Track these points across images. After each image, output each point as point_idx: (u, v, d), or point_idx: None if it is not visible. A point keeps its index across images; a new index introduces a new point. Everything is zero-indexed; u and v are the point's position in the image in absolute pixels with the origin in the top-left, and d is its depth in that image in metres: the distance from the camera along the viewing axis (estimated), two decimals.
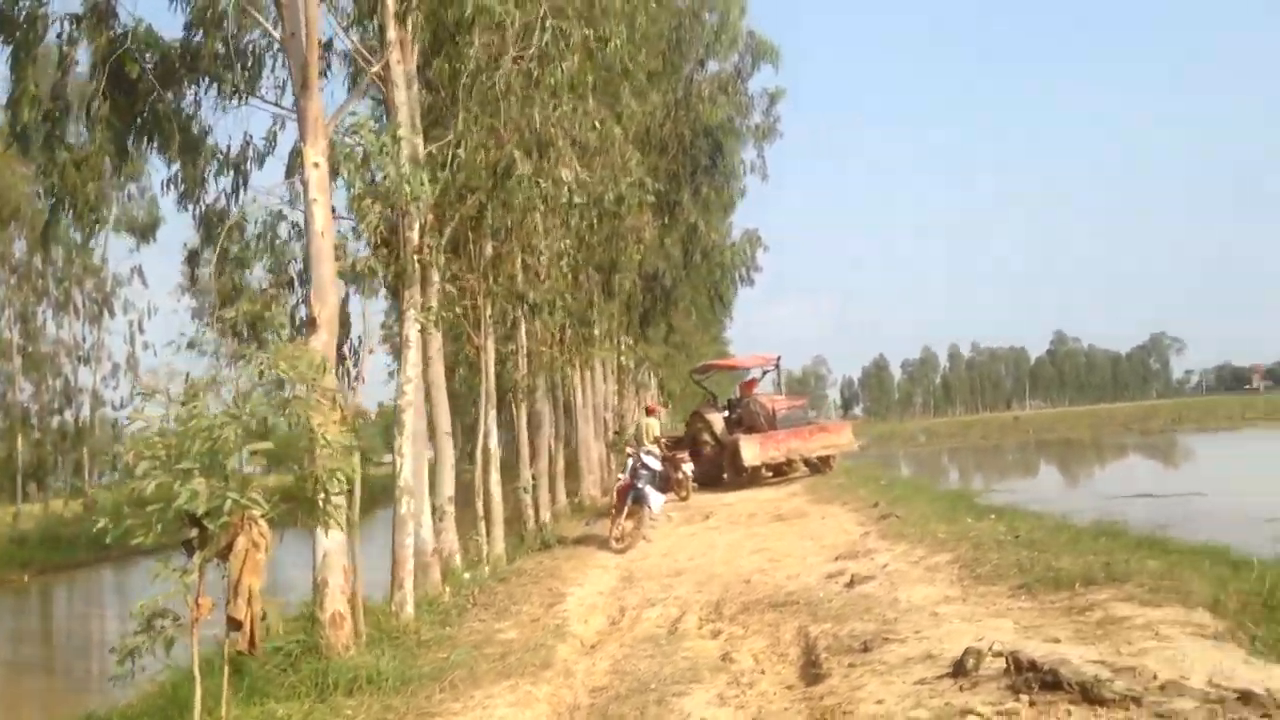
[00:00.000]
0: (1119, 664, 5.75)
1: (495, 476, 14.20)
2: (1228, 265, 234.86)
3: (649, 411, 21.87)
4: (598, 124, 12.46)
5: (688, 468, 20.09)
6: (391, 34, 9.92)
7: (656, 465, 14.42)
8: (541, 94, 10.30)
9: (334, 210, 9.40)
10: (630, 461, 14.61)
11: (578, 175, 11.45)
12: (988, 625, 7.25)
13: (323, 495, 6.61)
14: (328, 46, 11.68)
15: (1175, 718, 4.74)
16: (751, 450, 22.02)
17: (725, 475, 23.20)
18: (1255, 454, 37.00)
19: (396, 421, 9.80)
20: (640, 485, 13.98)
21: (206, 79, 10.82)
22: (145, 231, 41.06)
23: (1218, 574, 7.95)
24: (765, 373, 26.65)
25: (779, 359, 27.27)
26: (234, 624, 5.87)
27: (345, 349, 13.47)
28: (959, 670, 5.92)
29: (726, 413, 24.95)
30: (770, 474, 23.62)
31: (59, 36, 10.19)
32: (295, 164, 9.84)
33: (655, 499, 14.10)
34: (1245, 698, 4.87)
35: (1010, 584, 8.45)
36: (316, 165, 8.12)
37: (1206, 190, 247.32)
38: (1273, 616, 6.60)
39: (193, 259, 13.64)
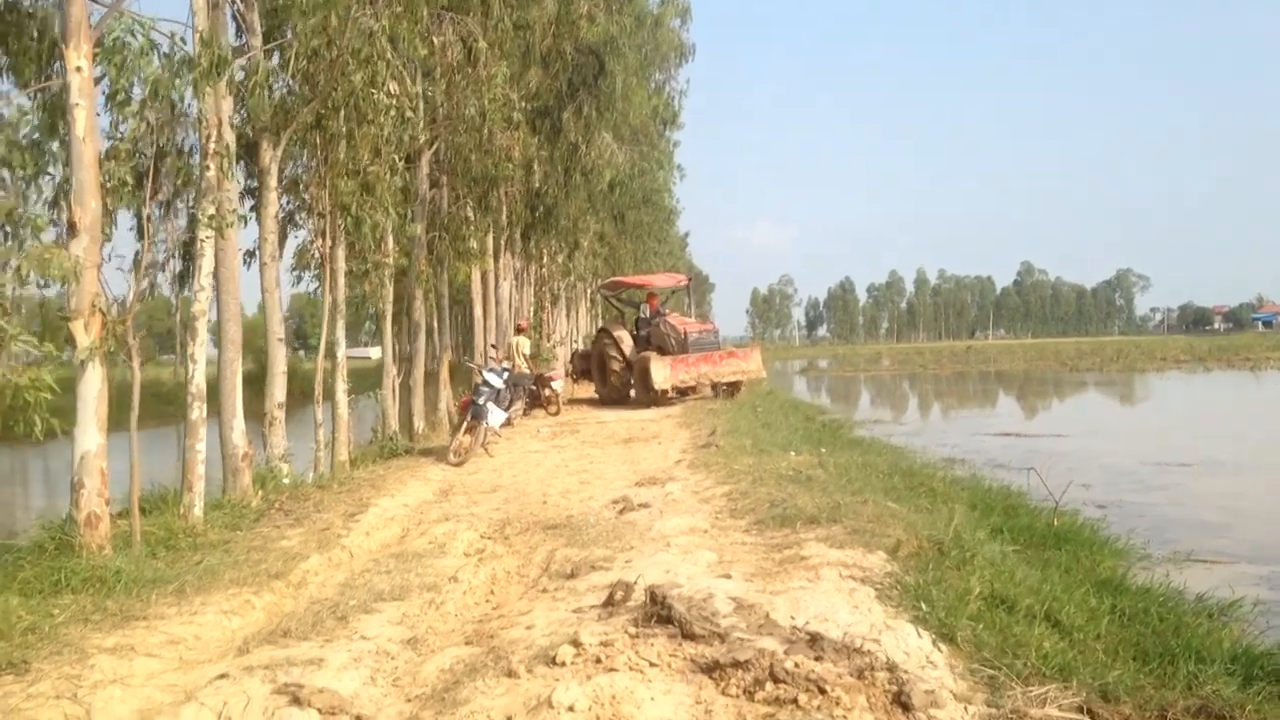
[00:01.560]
0: (750, 601, 6.08)
1: (342, 385, 14.36)
2: (1201, 205, 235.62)
3: (519, 330, 21.96)
4: (434, 40, 12.29)
5: (557, 384, 20.49)
6: None
7: (498, 382, 14.62)
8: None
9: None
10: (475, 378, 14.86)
11: (407, 89, 11.34)
12: (694, 557, 7.55)
13: (25, 403, 6.74)
14: None
15: (741, 651, 5.03)
16: (663, 372, 22.19)
17: (634, 394, 23.48)
18: (1154, 396, 37.78)
19: (190, 329, 9.87)
20: (480, 401, 14.21)
21: None
22: None
23: (934, 517, 8.33)
24: (674, 292, 26.77)
25: (689, 280, 27.45)
26: None
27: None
28: (608, 601, 6.24)
29: (635, 331, 25.05)
30: (674, 395, 23.82)
31: None
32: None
33: (495, 415, 14.35)
34: (814, 640, 5.20)
35: (752, 519, 8.76)
36: (79, 69, 8.04)
37: (1186, 132, 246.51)
38: (940, 562, 6.93)
39: None
